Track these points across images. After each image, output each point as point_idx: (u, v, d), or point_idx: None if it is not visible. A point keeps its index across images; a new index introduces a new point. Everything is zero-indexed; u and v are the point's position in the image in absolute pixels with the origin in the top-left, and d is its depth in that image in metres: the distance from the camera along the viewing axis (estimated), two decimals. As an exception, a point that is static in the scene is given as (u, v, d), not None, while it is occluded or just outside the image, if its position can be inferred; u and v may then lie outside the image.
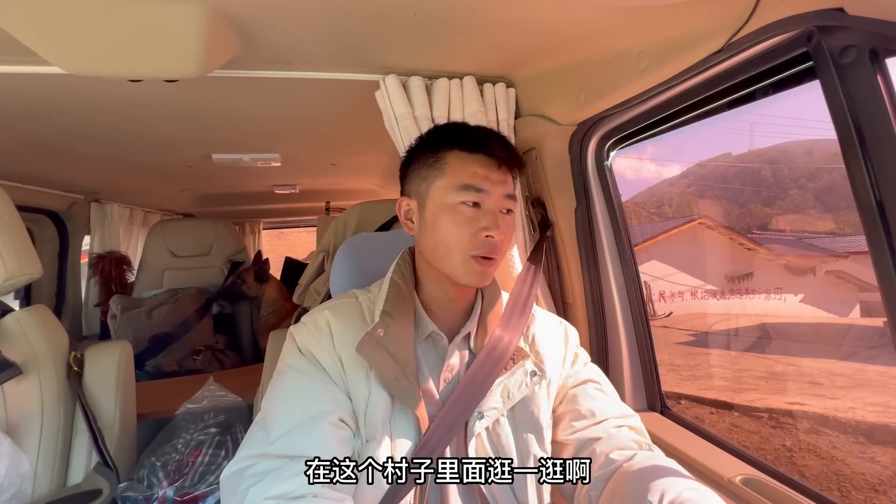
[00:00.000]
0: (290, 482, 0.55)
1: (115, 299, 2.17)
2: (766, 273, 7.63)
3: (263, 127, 1.47)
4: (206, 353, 2.19)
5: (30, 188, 1.88)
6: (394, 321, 0.67)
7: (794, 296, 7.54)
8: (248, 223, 4.19)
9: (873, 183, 0.57)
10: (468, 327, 0.73)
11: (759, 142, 7.76)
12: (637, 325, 1.12)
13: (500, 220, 0.66)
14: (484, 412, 0.67)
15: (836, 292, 7.37)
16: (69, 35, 0.75)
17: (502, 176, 0.68)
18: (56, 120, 1.26)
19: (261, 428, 0.62)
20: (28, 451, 0.92)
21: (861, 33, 0.54)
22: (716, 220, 8.07)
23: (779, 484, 0.77)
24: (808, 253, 7.74)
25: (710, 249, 7.86)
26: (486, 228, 0.65)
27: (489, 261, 0.66)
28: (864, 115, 0.56)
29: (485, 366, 0.69)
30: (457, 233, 0.66)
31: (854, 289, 7.09)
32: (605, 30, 0.83)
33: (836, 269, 7.37)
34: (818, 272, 7.58)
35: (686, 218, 8.21)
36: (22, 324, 0.97)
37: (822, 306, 7.41)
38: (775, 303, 7.45)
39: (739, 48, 0.65)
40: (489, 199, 0.67)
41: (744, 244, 7.94)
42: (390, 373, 0.63)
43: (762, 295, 7.56)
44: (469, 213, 0.66)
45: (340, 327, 0.68)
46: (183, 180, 2.37)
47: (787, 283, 7.50)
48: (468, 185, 0.66)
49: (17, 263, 0.91)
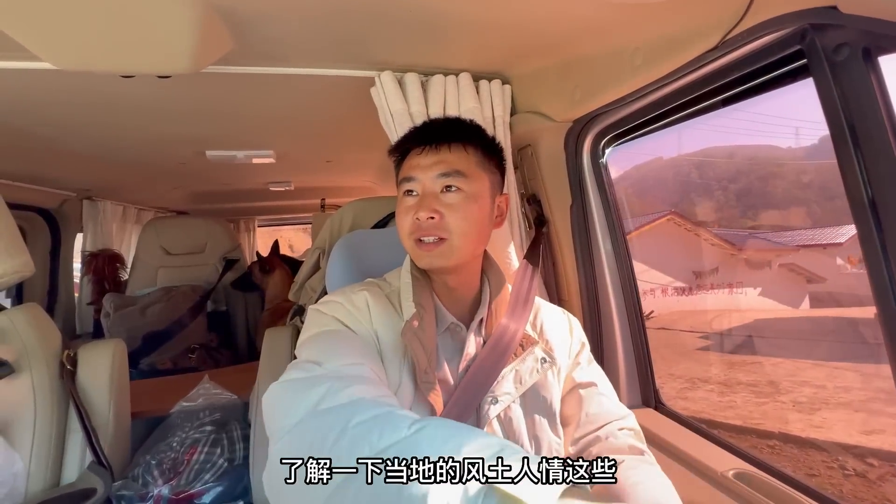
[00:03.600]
0: (372, 389, 0.53)
1: (109, 297, 2.16)
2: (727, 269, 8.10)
3: (258, 124, 1.46)
4: (200, 351, 2.18)
5: (21, 185, 1.86)
6: (425, 313, 0.69)
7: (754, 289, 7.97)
8: (242, 221, 4.16)
9: (865, 180, 0.57)
10: (480, 313, 0.75)
11: (687, 146, 8.16)
12: (632, 321, 1.12)
13: (431, 202, 0.68)
14: (498, 397, 0.69)
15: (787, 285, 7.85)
16: (60, 30, 0.74)
17: (433, 158, 0.70)
18: (47, 116, 1.25)
19: (308, 361, 0.59)
20: (21, 450, 0.92)
21: (854, 31, 0.55)
22: (685, 216, 8.39)
23: (770, 477, 0.78)
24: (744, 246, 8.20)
25: (679, 246, 8.14)
26: (415, 212, 0.68)
27: (431, 243, 0.68)
28: (857, 113, 0.57)
29: (494, 352, 0.71)
30: (402, 222, 0.70)
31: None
32: (601, 27, 0.83)
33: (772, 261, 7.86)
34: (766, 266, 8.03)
35: (655, 214, 8.46)
36: (14, 322, 0.96)
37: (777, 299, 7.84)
38: (738, 297, 7.85)
39: (734, 46, 0.66)
40: (420, 184, 0.70)
41: (708, 240, 8.26)
42: (422, 364, 0.65)
43: (726, 290, 7.96)
44: (408, 202, 0.70)
45: (379, 311, 0.69)
46: (176, 177, 2.36)
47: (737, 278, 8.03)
48: (404, 178, 0.71)
49: (8, 262, 0.90)
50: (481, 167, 0.72)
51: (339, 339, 0.64)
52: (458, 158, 0.70)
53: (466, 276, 0.75)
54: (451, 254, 0.69)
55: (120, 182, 2.26)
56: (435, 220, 0.67)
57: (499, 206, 0.76)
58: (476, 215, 0.70)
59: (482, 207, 0.71)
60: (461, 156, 0.70)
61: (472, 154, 0.71)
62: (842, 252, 8.73)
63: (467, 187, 0.69)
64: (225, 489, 1.21)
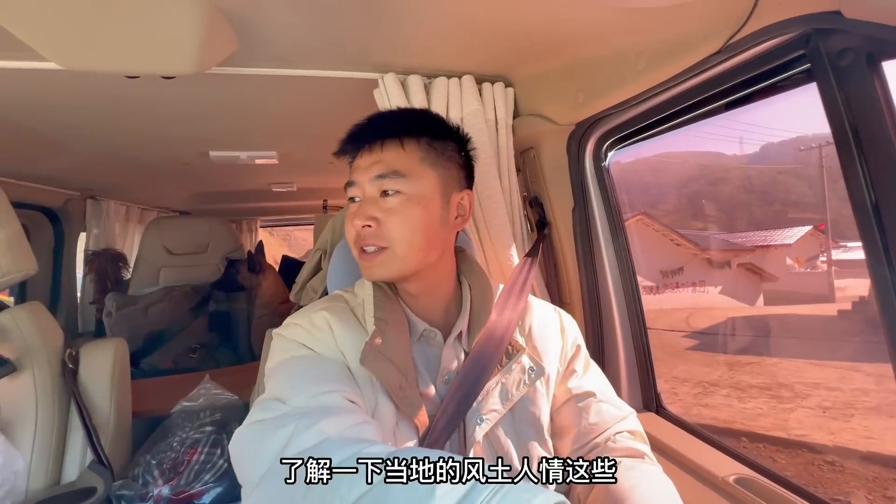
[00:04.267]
0: (337, 423, 0.51)
1: (111, 297, 2.16)
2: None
3: (261, 125, 1.47)
4: (201, 350, 2.19)
5: (25, 185, 1.87)
6: (388, 326, 0.63)
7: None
8: (244, 221, 4.17)
9: (869, 185, 0.57)
10: (459, 325, 0.69)
11: (643, 152, 8.70)
12: (634, 325, 1.12)
13: (367, 208, 0.62)
14: (483, 416, 0.64)
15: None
16: (65, 30, 0.75)
17: (369, 159, 0.64)
18: (52, 116, 1.25)
19: (273, 399, 0.57)
20: (22, 449, 0.92)
21: (858, 36, 0.55)
22: (654, 216, 8.80)
23: (772, 483, 0.78)
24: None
25: (648, 245, 8.41)
26: (354, 218, 0.63)
27: (372, 253, 0.63)
28: (861, 118, 0.57)
29: (479, 364, 0.66)
30: (346, 231, 0.66)
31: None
32: (604, 30, 0.83)
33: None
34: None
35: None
36: (17, 320, 0.96)
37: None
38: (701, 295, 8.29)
39: (737, 50, 0.66)
40: (360, 188, 0.65)
41: (675, 240, 8.70)
42: (394, 382, 0.60)
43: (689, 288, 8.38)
44: (351, 209, 0.65)
45: (342, 330, 0.64)
46: (179, 177, 2.36)
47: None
48: (347, 182, 0.66)
49: (12, 260, 0.90)
50: (426, 163, 0.64)
51: (304, 367, 0.60)
52: (395, 157, 0.63)
53: (429, 281, 0.68)
54: (394, 264, 0.63)
55: (123, 182, 2.27)
56: (372, 229, 0.62)
57: (459, 203, 0.68)
58: (420, 219, 0.62)
59: (429, 210, 0.63)
60: (398, 153, 0.63)
61: (412, 150, 0.64)
62: (791, 252, 9.01)
63: (407, 188, 0.62)
64: (225, 489, 1.21)
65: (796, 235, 8.94)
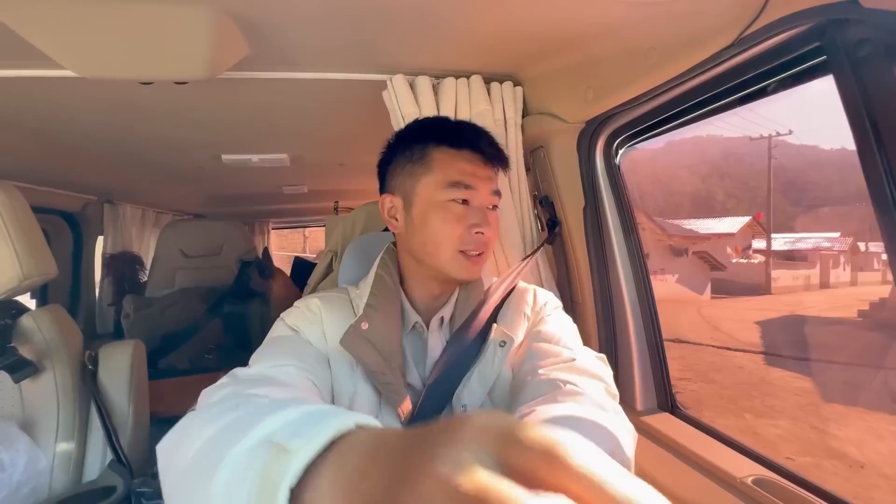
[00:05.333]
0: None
1: (129, 299, 2.20)
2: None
3: (272, 128, 1.48)
4: (217, 351, 2.22)
5: (45, 190, 1.91)
6: (378, 314, 0.67)
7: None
8: (257, 223, 4.22)
9: (889, 179, 0.55)
10: (442, 312, 0.73)
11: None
12: (647, 324, 1.10)
13: (488, 216, 0.68)
14: (466, 404, 0.66)
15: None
16: (82, 39, 0.76)
17: (489, 172, 0.70)
18: (70, 123, 1.28)
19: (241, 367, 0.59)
20: (44, 448, 0.94)
21: (876, 26, 0.53)
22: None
23: (791, 484, 0.76)
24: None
25: None
26: (476, 225, 0.66)
27: (479, 256, 0.68)
28: (881, 110, 0.55)
29: (457, 349, 0.69)
30: (447, 229, 0.66)
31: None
32: (614, 26, 0.82)
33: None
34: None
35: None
36: (38, 323, 0.99)
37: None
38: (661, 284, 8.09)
39: (751, 43, 0.64)
40: (478, 195, 0.68)
41: (642, 224, 8.77)
42: (376, 366, 0.63)
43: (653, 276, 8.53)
44: (458, 210, 0.67)
45: (330, 315, 0.69)
46: (193, 181, 2.40)
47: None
48: (458, 181, 0.66)
49: (33, 264, 0.92)
50: None
51: (276, 344, 0.64)
52: (498, 178, 0.72)
53: (455, 284, 0.74)
54: (482, 269, 0.70)
55: (139, 186, 2.31)
56: (488, 236, 0.68)
57: None
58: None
59: None
60: (498, 176, 0.73)
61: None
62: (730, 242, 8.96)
63: (499, 207, 0.72)
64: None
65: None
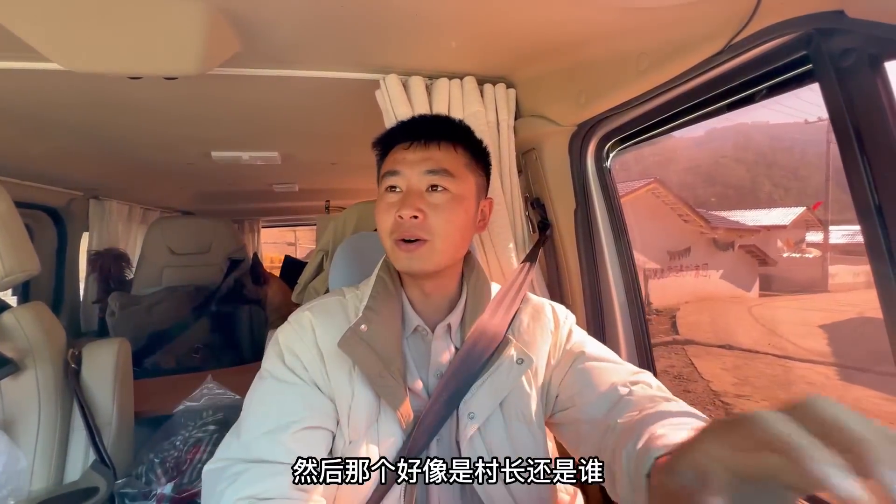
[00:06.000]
0: (261, 483, 0.56)
1: (114, 296, 2.17)
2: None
3: (263, 125, 1.47)
4: (204, 350, 2.19)
5: (29, 184, 1.88)
6: (378, 317, 0.66)
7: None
8: (247, 221, 4.18)
9: (872, 186, 0.57)
10: (449, 319, 0.71)
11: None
12: (636, 326, 1.12)
13: (415, 200, 0.64)
14: (475, 412, 0.66)
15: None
16: (69, 31, 0.75)
17: (420, 154, 0.67)
18: (55, 116, 1.26)
19: (235, 431, 0.64)
20: (25, 448, 0.92)
21: (861, 36, 0.55)
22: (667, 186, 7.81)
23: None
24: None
25: (657, 221, 7.54)
26: (398, 210, 0.65)
27: (410, 243, 0.65)
28: (864, 118, 0.57)
29: (469, 357, 0.67)
30: (381, 220, 0.67)
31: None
32: (606, 31, 0.83)
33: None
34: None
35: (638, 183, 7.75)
36: (19, 320, 0.97)
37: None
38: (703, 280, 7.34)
39: (739, 50, 0.66)
40: (405, 179, 0.66)
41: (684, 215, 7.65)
42: (373, 369, 0.63)
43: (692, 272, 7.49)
44: (390, 199, 0.67)
45: (323, 325, 0.67)
46: (182, 178, 2.37)
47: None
48: (387, 171, 0.68)
49: (15, 260, 0.91)
50: (469, 168, 0.69)
51: (272, 396, 0.65)
52: (446, 157, 0.67)
53: (444, 280, 0.72)
54: (432, 257, 0.65)
55: (126, 182, 2.28)
56: (418, 220, 0.64)
57: (482, 210, 0.73)
58: (461, 218, 0.67)
59: (467, 210, 0.68)
60: (450, 154, 0.68)
61: (461, 154, 0.69)
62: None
63: (454, 188, 0.66)
64: (226, 489, 1.21)
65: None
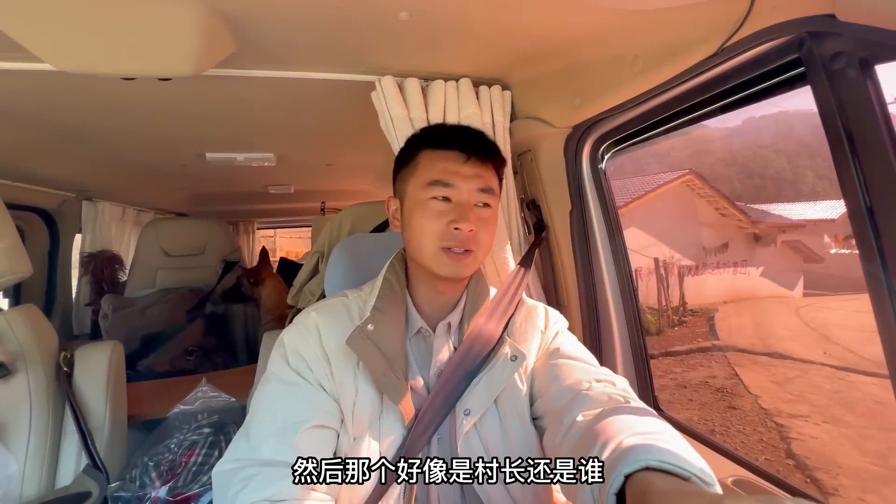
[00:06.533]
0: (272, 486, 0.58)
1: (107, 299, 2.15)
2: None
3: (258, 126, 1.47)
4: (198, 353, 2.17)
5: (20, 185, 1.86)
6: (384, 317, 0.69)
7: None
8: (242, 223, 4.16)
9: (863, 188, 0.57)
10: (449, 318, 0.74)
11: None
12: (631, 326, 1.12)
13: (470, 213, 0.68)
14: (470, 408, 0.68)
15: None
16: (62, 32, 0.74)
17: (474, 170, 0.70)
18: (47, 117, 1.25)
19: (244, 433, 0.65)
20: (16, 453, 0.91)
21: (851, 40, 0.55)
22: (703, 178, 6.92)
23: (768, 485, 0.78)
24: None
25: (692, 215, 6.83)
26: (454, 221, 0.67)
27: (462, 254, 0.68)
28: (855, 121, 0.57)
29: (467, 357, 0.70)
30: (427, 226, 0.69)
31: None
32: (601, 34, 0.83)
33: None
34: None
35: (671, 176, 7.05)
36: (10, 323, 0.96)
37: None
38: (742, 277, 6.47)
39: (733, 53, 0.66)
40: (459, 192, 0.69)
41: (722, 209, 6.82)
42: (378, 367, 0.65)
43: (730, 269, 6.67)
44: (439, 207, 0.69)
45: (327, 325, 0.70)
46: (176, 179, 2.36)
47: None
48: (436, 180, 0.69)
49: (6, 262, 0.90)
50: (498, 186, 0.75)
51: (278, 399, 0.66)
52: (491, 177, 0.73)
53: (461, 283, 0.75)
54: (473, 265, 0.71)
55: (120, 183, 2.26)
56: (473, 233, 0.68)
57: None
58: (494, 232, 0.74)
59: (496, 225, 0.75)
60: (493, 174, 0.73)
61: (497, 174, 0.75)
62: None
63: (494, 204, 0.72)
64: (221, 493, 1.20)
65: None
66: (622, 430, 0.51)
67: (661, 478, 0.43)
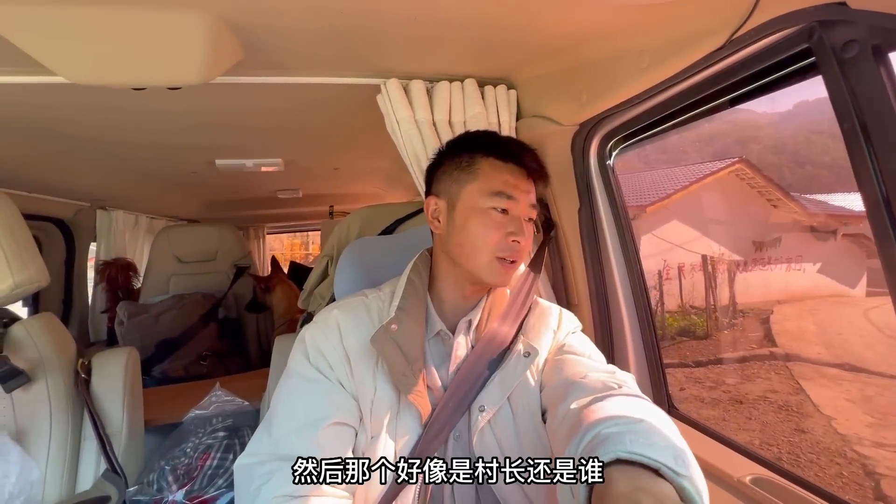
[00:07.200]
0: (292, 483, 0.58)
1: (122, 305, 2.19)
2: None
3: (266, 132, 1.48)
4: (212, 358, 2.20)
5: (36, 196, 1.90)
6: (407, 318, 0.70)
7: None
8: (252, 228, 4.21)
9: (878, 178, 0.56)
10: (470, 316, 0.76)
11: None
12: (643, 325, 1.11)
13: (525, 227, 0.72)
14: (485, 405, 0.69)
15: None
16: (73, 45, 0.76)
17: (529, 186, 0.75)
18: (61, 129, 1.27)
19: (266, 427, 0.67)
20: (37, 459, 0.93)
21: (863, 28, 0.54)
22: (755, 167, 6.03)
23: (789, 483, 0.76)
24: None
25: (742, 206, 5.99)
26: (513, 233, 0.70)
27: (512, 263, 0.72)
28: (868, 110, 0.56)
29: (482, 357, 0.72)
30: (485, 235, 0.71)
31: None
32: (606, 29, 0.83)
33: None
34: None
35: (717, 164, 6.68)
36: (30, 331, 0.97)
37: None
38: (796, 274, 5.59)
39: (741, 45, 0.65)
40: (517, 206, 0.72)
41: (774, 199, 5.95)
42: (399, 367, 0.66)
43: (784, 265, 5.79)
44: (498, 218, 0.71)
45: (348, 323, 0.71)
46: (187, 186, 2.39)
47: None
48: (501, 191, 0.72)
49: (24, 272, 0.91)
50: None
51: (299, 395, 0.68)
52: (534, 194, 0.76)
53: (485, 288, 0.77)
54: (515, 274, 0.75)
55: (132, 192, 2.30)
56: (523, 245, 0.72)
57: None
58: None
59: None
60: (534, 192, 0.77)
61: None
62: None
63: (535, 218, 0.76)
64: (237, 495, 1.21)
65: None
66: (604, 418, 0.51)
67: (626, 475, 0.43)
